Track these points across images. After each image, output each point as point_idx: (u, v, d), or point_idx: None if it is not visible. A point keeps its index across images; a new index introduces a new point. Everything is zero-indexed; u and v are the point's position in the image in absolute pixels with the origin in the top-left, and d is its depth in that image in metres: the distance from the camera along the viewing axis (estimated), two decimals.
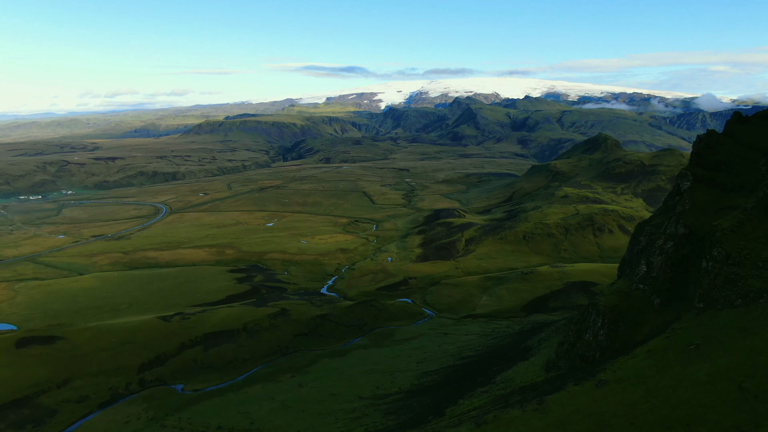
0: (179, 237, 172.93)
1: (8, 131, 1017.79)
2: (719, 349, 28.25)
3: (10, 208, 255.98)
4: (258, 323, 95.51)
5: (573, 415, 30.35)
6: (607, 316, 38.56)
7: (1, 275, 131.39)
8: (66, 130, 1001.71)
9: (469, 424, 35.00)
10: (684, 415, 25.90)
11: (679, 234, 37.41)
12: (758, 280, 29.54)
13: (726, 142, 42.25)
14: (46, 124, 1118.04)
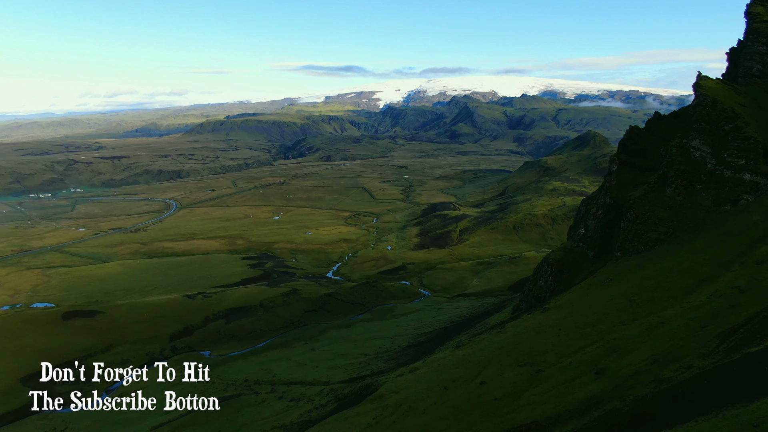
0: (192, 229, 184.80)
1: (9, 131, 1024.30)
2: (622, 280, 39.88)
3: (26, 204, 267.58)
4: (272, 300, 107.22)
5: (523, 330, 42.33)
6: (554, 267, 50.33)
7: (32, 263, 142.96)
8: (67, 129, 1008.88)
9: (451, 348, 46.68)
10: (593, 320, 38.00)
11: (607, 204, 49.19)
12: (655, 233, 41.30)
13: (644, 135, 53.92)
14: (47, 124, 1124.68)
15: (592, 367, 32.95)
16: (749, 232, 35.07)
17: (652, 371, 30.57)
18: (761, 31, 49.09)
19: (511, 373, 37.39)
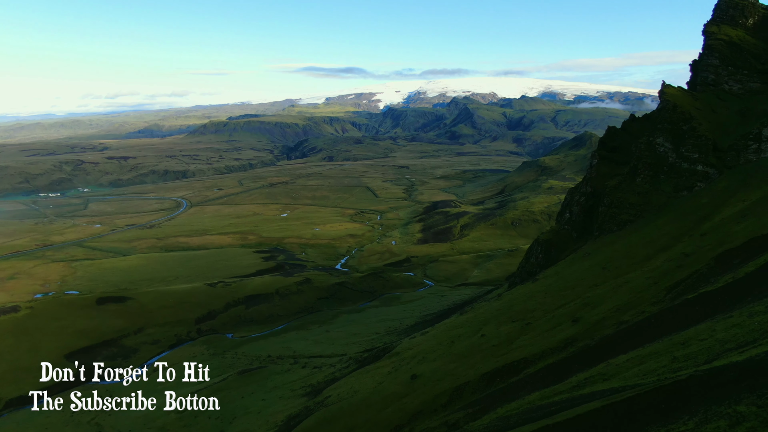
0: (204, 225, 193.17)
1: (12, 132, 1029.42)
2: (598, 253, 48.17)
3: (39, 203, 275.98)
4: (287, 288, 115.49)
5: (516, 296, 50.72)
6: (543, 246, 58.70)
7: (56, 256, 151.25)
8: (70, 131, 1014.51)
9: (456, 316, 54.97)
10: (572, 284, 46.42)
11: (588, 192, 57.56)
12: (626, 215, 49.70)
13: (620, 134, 62.26)
14: (49, 125, 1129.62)
15: (569, 318, 41.54)
16: (698, 212, 43.35)
17: (615, 317, 39.48)
18: (714, 47, 57.28)
19: (506, 327, 45.87)
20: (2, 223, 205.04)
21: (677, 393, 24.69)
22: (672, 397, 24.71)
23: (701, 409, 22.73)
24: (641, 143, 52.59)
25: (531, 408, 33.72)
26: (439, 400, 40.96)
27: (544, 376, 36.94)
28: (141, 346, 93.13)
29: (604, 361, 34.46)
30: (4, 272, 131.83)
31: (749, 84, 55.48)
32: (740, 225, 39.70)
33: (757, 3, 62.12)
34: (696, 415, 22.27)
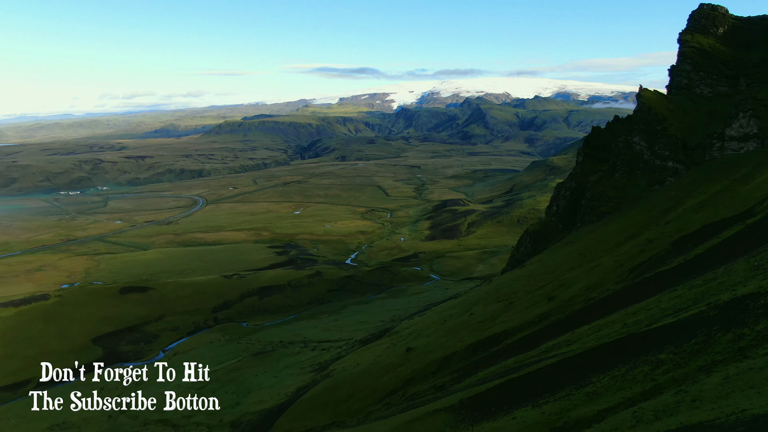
0: (220, 222, 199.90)
1: (32, 132, 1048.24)
2: (577, 241, 53.08)
3: (61, 200, 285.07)
4: (299, 281, 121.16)
5: (503, 280, 55.84)
6: (532, 236, 63.67)
7: (79, 250, 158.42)
8: (88, 130, 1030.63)
9: (450, 300, 60.10)
10: (553, 268, 51.45)
11: (572, 187, 62.40)
12: (605, 207, 54.59)
13: (604, 133, 66.93)
14: (67, 125, 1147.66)
15: (546, 296, 46.79)
16: (666, 204, 48.13)
17: (584, 294, 44.82)
18: (687, 54, 61.74)
19: (492, 306, 51.06)
20: (27, 219, 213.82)
21: (617, 348, 30.92)
22: (613, 351, 30.96)
23: (633, 358, 29.01)
24: (620, 142, 57.32)
25: (505, 370, 39.97)
26: (430, 368, 46.30)
27: (520, 345, 42.65)
28: (162, 332, 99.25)
29: (571, 330, 40.49)
30: (31, 264, 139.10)
31: (718, 88, 59.90)
32: (698, 214, 44.56)
33: (727, 14, 66.42)
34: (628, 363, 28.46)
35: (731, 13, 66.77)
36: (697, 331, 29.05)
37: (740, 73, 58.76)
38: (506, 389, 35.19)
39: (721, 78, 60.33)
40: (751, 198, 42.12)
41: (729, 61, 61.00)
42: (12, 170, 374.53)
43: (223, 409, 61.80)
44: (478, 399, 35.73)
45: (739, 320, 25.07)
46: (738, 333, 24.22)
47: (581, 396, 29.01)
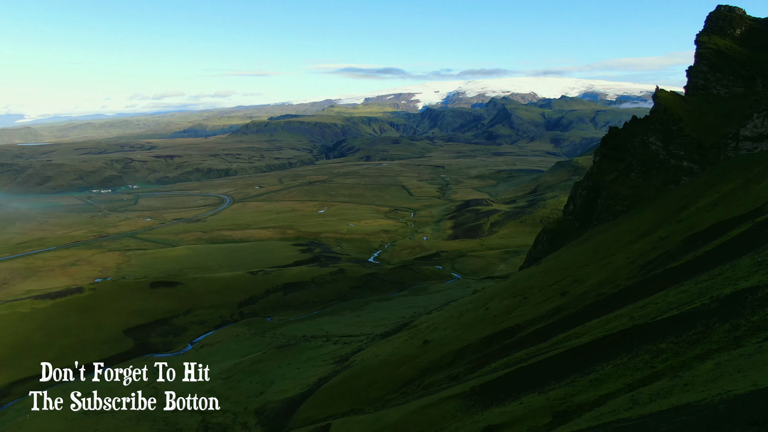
0: (246, 220, 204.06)
1: (65, 132, 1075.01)
2: (592, 239, 54.16)
3: (93, 198, 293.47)
4: (323, 278, 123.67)
5: (520, 277, 57.21)
6: (549, 234, 64.79)
7: (111, 246, 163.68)
8: (119, 130, 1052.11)
9: (468, 295, 61.61)
10: (567, 265, 52.71)
11: (589, 186, 63.38)
12: (620, 206, 55.57)
13: (621, 133, 67.62)
14: (99, 125, 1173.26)
15: (559, 292, 48.12)
16: (680, 202, 48.98)
17: (596, 290, 46.08)
18: (704, 55, 62.14)
19: (507, 301, 52.53)
20: (62, 216, 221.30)
21: (621, 339, 32.58)
22: (617, 342, 32.64)
23: (635, 348, 30.68)
24: (636, 142, 58.16)
25: (517, 361, 41.61)
26: (445, 359, 48.02)
27: (532, 337, 44.11)
28: (190, 326, 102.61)
29: (581, 324, 41.92)
30: (66, 259, 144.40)
31: (734, 88, 60.21)
32: (710, 212, 45.43)
33: (745, 15, 66.57)
34: (630, 352, 30.15)
35: (748, 15, 66.95)
36: (696, 322, 30.48)
37: (756, 73, 59.03)
38: (515, 377, 36.90)
39: (738, 79, 60.68)
40: (762, 197, 42.96)
41: (745, 62, 61.27)
42: (47, 169, 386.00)
43: (248, 398, 64.50)
44: (489, 386, 37.50)
45: (737, 312, 26.45)
46: (734, 324, 25.65)
47: (585, 383, 30.71)
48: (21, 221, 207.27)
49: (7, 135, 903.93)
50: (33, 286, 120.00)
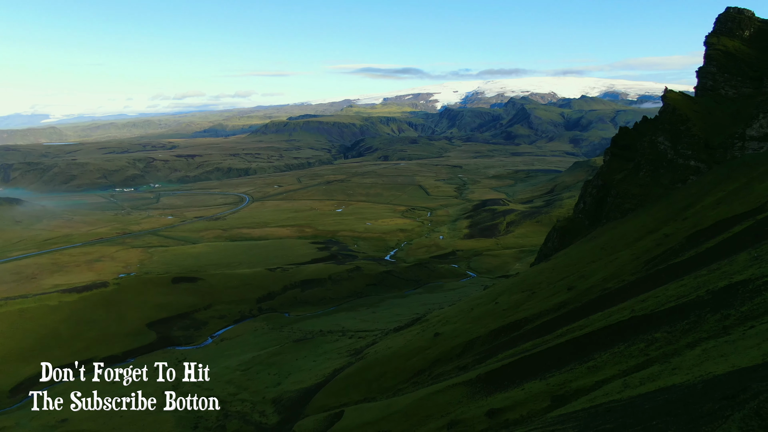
0: (265, 218, 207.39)
1: (89, 131, 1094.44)
2: (601, 237, 55.41)
3: (117, 196, 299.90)
4: (339, 275, 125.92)
5: (529, 273, 58.68)
6: (559, 232, 66.12)
7: (134, 243, 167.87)
8: (141, 130, 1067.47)
9: (479, 290, 63.19)
10: (575, 261, 54.01)
11: (599, 185, 64.56)
12: (629, 204, 56.77)
13: (631, 133, 68.60)
14: (122, 125, 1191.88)
15: (566, 287, 49.56)
16: (686, 200, 50.10)
17: (601, 285, 47.50)
18: (713, 57, 62.87)
19: (516, 296, 54.08)
20: (87, 213, 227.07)
21: (620, 329, 34.31)
22: (616, 332, 34.36)
23: (632, 337, 32.43)
24: (645, 141, 59.24)
25: (522, 351, 43.24)
26: (455, 351, 49.78)
27: (538, 330, 45.71)
28: (210, 320, 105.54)
29: (586, 317, 43.46)
30: (91, 255, 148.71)
31: (742, 89, 60.85)
32: (714, 210, 46.58)
33: (753, 17, 67.04)
34: (627, 341, 31.96)
35: (757, 17, 67.43)
36: (690, 313, 32.05)
37: (764, 74, 59.55)
38: (519, 366, 38.69)
39: (746, 79, 61.38)
40: (764, 195, 44.04)
41: (754, 63, 61.89)
42: (72, 168, 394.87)
43: (265, 388, 66.82)
44: (493, 374, 39.33)
45: (728, 303, 28.04)
46: (725, 314, 27.27)
47: (583, 370, 32.48)
48: (48, 218, 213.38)
49: (34, 134, 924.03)
50: (60, 280, 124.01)
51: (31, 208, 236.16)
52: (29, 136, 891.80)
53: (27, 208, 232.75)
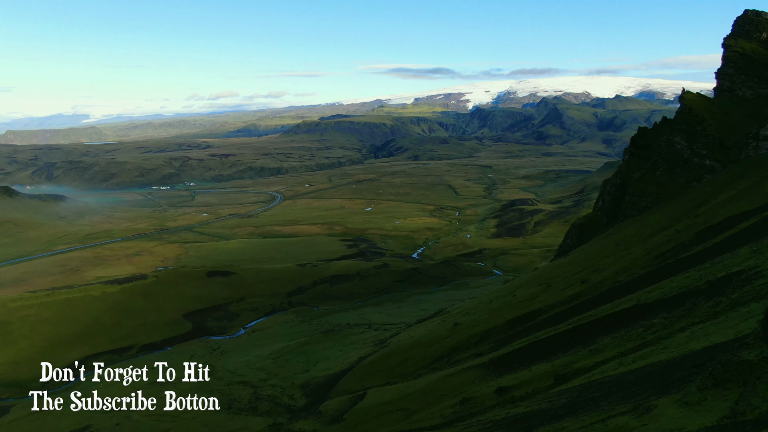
0: (296, 216, 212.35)
1: (127, 131, 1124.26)
2: (616, 233, 57.25)
3: (154, 194, 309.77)
4: (367, 271, 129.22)
5: (547, 267, 60.89)
6: (578, 229, 68.02)
7: (171, 239, 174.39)
8: (176, 130, 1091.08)
9: (500, 285, 65.56)
10: (590, 256, 56.09)
11: (617, 183, 66.22)
12: (645, 202, 58.48)
13: (650, 133, 69.86)
14: (159, 125, 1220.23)
15: (580, 280, 51.73)
16: (699, 198, 51.69)
17: (613, 278, 49.67)
18: (730, 58, 63.81)
19: (533, 289, 56.39)
20: (126, 210, 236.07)
21: (623, 316, 37.17)
22: (619, 318, 37.21)
23: (633, 324, 35.47)
24: (662, 141, 60.73)
25: (534, 338, 45.85)
26: (472, 339, 52.44)
27: (551, 320, 48.22)
28: (242, 312, 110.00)
29: (596, 307, 45.86)
30: (131, 250, 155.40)
31: (759, 90, 61.69)
32: (725, 208, 48.19)
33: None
34: (628, 327, 35.05)
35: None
36: (686, 301, 34.51)
37: None
38: (528, 350, 41.46)
39: (762, 81, 62.24)
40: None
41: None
42: (111, 166, 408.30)
43: (294, 374, 70.45)
44: (505, 358, 42.12)
45: (722, 291, 30.46)
46: (717, 301, 29.74)
47: (585, 352, 35.24)
48: (90, 214, 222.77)
49: (75, 134, 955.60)
50: (102, 272, 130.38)
51: (74, 204, 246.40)
52: (71, 135, 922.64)
53: (70, 205, 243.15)
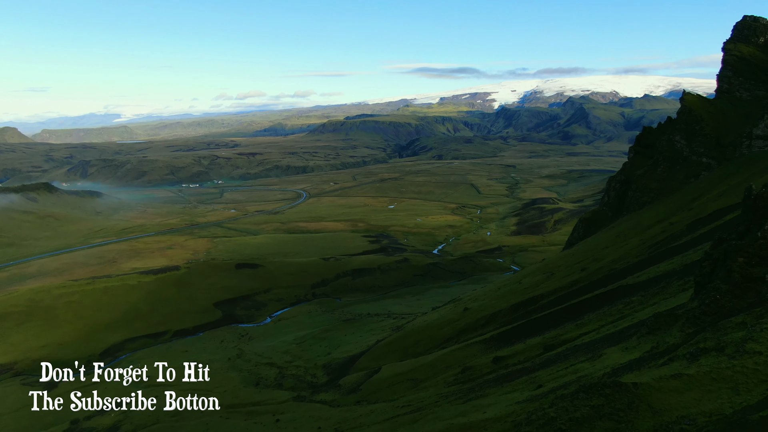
0: (321, 213, 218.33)
1: (157, 130, 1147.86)
2: (618, 226, 60.95)
3: (184, 191, 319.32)
4: (388, 265, 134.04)
5: (552, 258, 64.89)
6: (584, 223, 71.73)
7: (201, 233, 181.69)
8: (205, 129, 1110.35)
9: (510, 275, 69.63)
10: (592, 247, 60.11)
11: (622, 180, 69.73)
12: (646, 197, 62.08)
13: (653, 132, 73.05)
14: (187, 124, 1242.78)
15: (580, 268, 55.75)
16: (695, 194, 55.20)
17: (609, 266, 53.81)
18: (729, 62, 66.64)
19: (538, 277, 60.52)
20: (158, 206, 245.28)
21: (610, 296, 42.24)
22: (606, 298, 42.40)
23: (616, 301, 40.76)
24: (664, 140, 64.06)
25: (533, 319, 50.51)
26: (480, 322, 56.87)
27: (551, 303, 52.60)
28: (269, 302, 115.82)
29: (591, 292, 50.24)
30: (163, 243, 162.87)
31: (756, 92, 64.40)
32: (716, 202, 51.78)
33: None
34: (611, 304, 40.38)
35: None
36: (661, 281, 39.02)
37: None
38: (525, 327, 46.14)
39: (759, 83, 65.01)
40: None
41: (767, 67, 65.43)
42: (143, 164, 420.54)
43: (317, 356, 75.64)
44: (504, 334, 46.86)
45: (690, 272, 34.76)
46: (686, 280, 34.10)
47: (572, 327, 40.01)
48: (124, 210, 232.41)
49: (107, 133, 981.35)
50: (137, 264, 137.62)
51: (110, 200, 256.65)
52: (103, 134, 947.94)
53: (106, 201, 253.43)
